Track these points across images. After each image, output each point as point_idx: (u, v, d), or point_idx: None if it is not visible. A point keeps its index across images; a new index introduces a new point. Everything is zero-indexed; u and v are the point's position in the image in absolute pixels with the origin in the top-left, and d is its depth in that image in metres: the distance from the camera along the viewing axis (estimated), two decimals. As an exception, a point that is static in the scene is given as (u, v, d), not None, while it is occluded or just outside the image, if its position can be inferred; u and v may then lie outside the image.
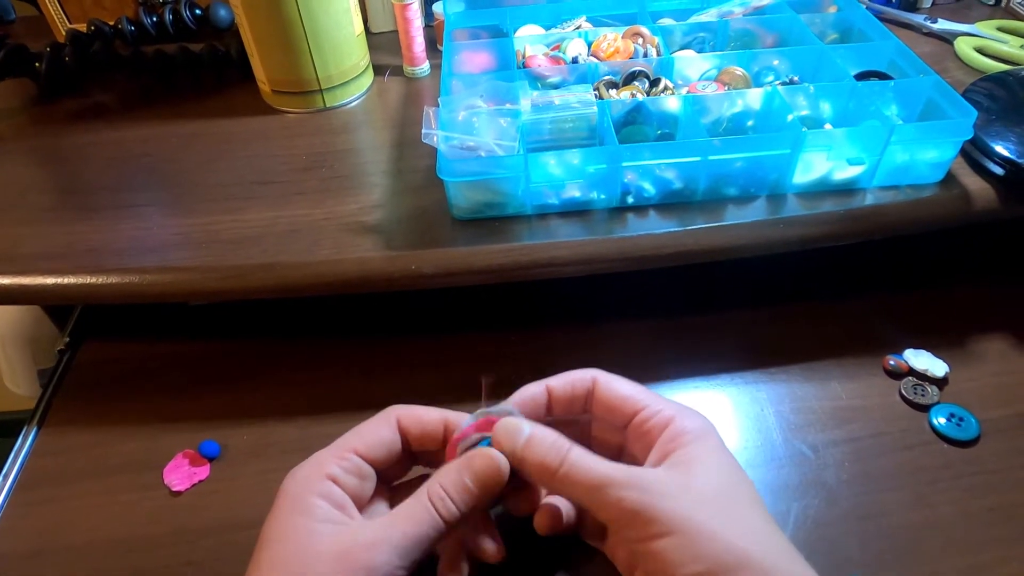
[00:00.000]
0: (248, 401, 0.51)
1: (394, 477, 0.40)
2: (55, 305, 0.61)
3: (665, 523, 0.32)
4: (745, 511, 0.34)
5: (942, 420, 0.46)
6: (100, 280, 0.48)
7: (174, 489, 0.46)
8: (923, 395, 0.48)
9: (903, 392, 0.48)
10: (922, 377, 0.49)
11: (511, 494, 0.38)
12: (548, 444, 0.35)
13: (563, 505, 0.39)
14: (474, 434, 0.37)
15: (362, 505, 0.36)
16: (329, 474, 0.35)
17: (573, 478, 0.34)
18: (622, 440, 0.39)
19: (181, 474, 0.46)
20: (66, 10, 0.72)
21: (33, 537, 0.44)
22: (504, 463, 0.35)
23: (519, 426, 0.36)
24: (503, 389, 0.40)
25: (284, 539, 0.33)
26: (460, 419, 0.38)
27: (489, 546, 0.37)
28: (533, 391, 0.40)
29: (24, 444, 0.49)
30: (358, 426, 0.38)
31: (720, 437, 0.37)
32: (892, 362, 0.50)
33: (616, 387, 0.39)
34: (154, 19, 0.69)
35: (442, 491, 0.34)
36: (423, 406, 0.39)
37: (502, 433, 0.36)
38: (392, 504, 0.39)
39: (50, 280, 0.48)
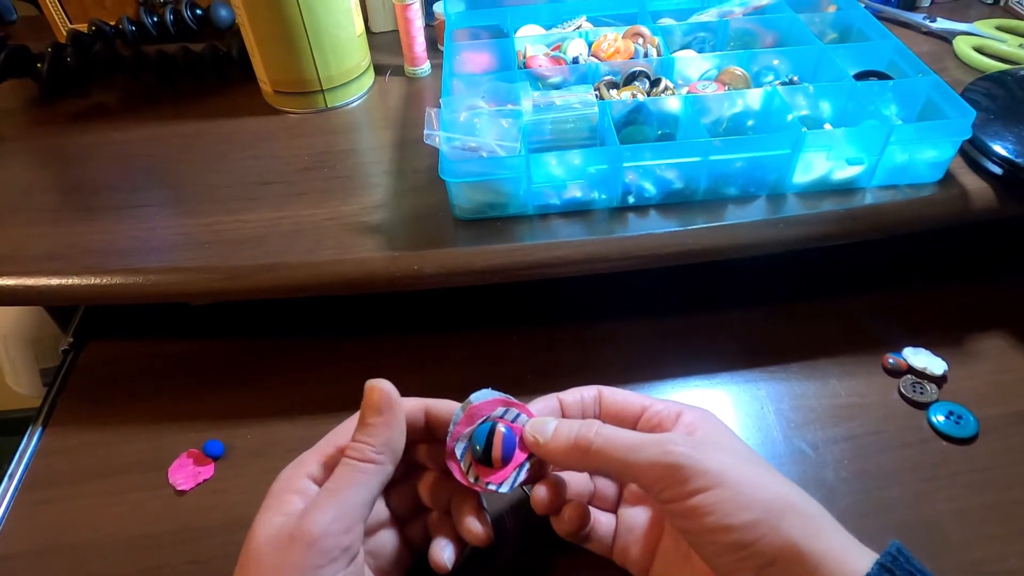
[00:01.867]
0: (251, 401, 0.51)
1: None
2: (58, 306, 0.61)
3: (711, 475, 0.32)
4: (770, 469, 0.35)
5: (940, 418, 0.47)
6: (103, 281, 0.48)
7: (179, 488, 0.46)
8: (922, 393, 0.48)
9: (902, 390, 0.49)
10: (921, 375, 0.49)
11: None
12: (577, 424, 0.36)
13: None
14: (466, 429, 0.38)
15: None
16: (308, 472, 0.36)
17: (612, 445, 0.35)
18: None
19: (186, 473, 0.47)
20: (67, 10, 0.72)
21: (39, 536, 0.44)
22: (388, 386, 0.36)
23: (543, 419, 0.38)
24: (506, 387, 0.41)
25: (253, 537, 0.34)
26: (441, 406, 0.39)
27: (476, 528, 0.38)
28: (546, 402, 0.41)
29: (29, 444, 0.50)
30: (342, 423, 0.39)
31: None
32: (891, 360, 0.50)
33: (621, 393, 0.41)
34: (155, 19, 0.70)
35: (352, 442, 0.35)
36: (405, 397, 0.40)
37: (530, 431, 0.37)
38: (388, 500, 0.40)
39: (54, 281, 0.48)
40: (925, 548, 0.41)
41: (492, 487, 0.37)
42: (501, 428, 0.38)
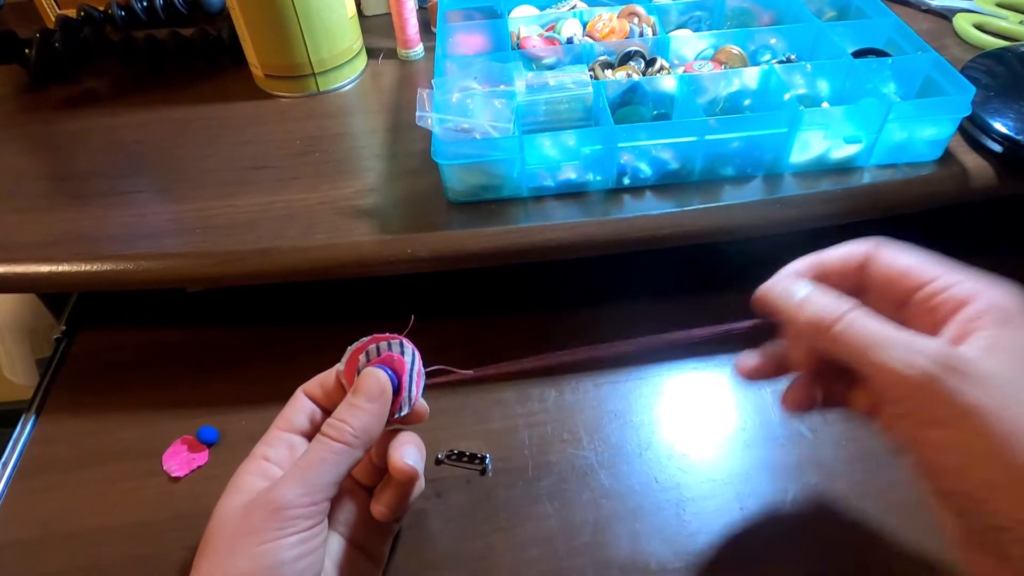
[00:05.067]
0: (245, 387, 0.51)
1: None
2: (51, 293, 0.61)
3: (958, 409, 0.26)
4: None
5: (939, 398, 0.46)
6: (95, 267, 0.48)
7: (173, 475, 0.46)
8: (921, 373, 0.48)
9: (901, 371, 0.48)
10: (920, 356, 0.49)
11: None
12: (826, 300, 0.32)
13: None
14: (371, 344, 0.39)
15: None
16: (261, 455, 0.37)
17: (850, 334, 0.30)
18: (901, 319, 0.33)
19: (180, 460, 0.47)
20: (55, -5, 0.71)
21: (33, 525, 0.44)
22: (385, 376, 0.37)
23: (794, 284, 0.34)
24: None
25: (215, 514, 0.34)
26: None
27: (396, 463, 0.38)
28: (797, 265, 0.36)
29: (23, 432, 0.49)
30: (282, 410, 0.39)
31: None
32: (890, 341, 0.50)
33: (895, 258, 0.33)
34: (144, 4, 0.69)
35: (333, 419, 0.36)
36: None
37: (776, 291, 0.34)
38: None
39: (45, 268, 0.48)
40: (924, 529, 0.41)
41: (395, 416, 0.38)
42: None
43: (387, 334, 0.40)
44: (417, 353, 0.40)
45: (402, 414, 0.38)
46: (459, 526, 0.43)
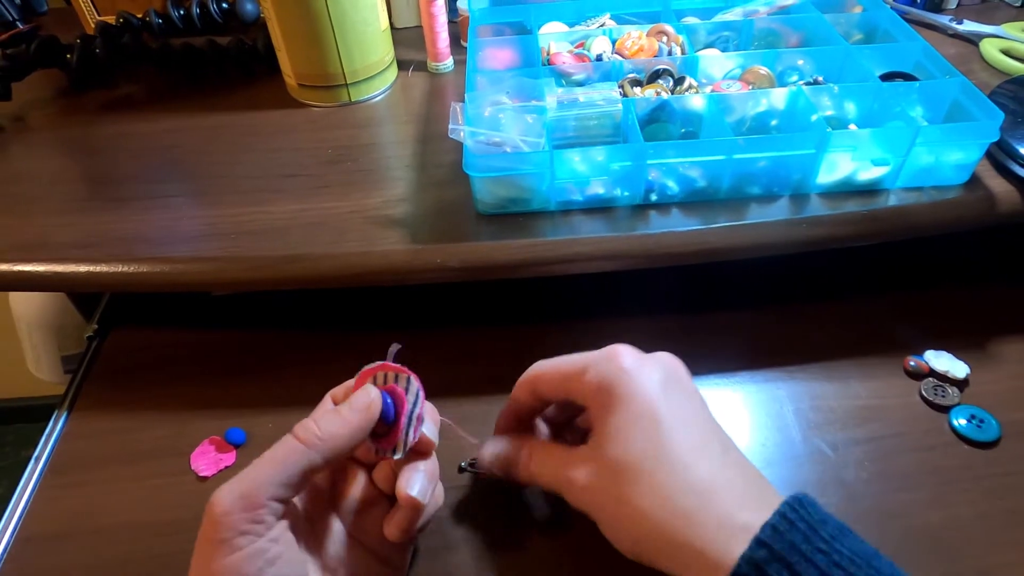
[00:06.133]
0: (272, 390, 0.52)
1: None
2: (84, 293, 0.62)
3: (594, 515, 0.36)
4: (661, 478, 0.34)
5: (962, 421, 0.46)
6: (132, 269, 0.49)
7: (201, 475, 0.47)
8: (943, 396, 0.48)
9: (923, 393, 0.48)
10: (943, 378, 0.49)
11: None
12: (502, 461, 0.41)
13: None
14: (380, 372, 0.39)
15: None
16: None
17: (536, 476, 0.40)
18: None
19: (208, 460, 0.47)
20: (95, 2, 0.73)
21: (63, 520, 0.45)
22: (377, 395, 0.37)
23: (492, 448, 0.43)
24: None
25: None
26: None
27: (401, 492, 0.37)
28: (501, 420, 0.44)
29: (55, 428, 0.50)
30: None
31: (641, 376, 0.37)
32: (912, 363, 0.50)
33: (541, 372, 0.41)
34: (181, 12, 0.70)
35: (307, 421, 0.35)
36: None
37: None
38: (375, 479, 0.41)
39: (83, 268, 0.49)
40: (946, 551, 0.41)
41: (388, 455, 0.38)
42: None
43: (398, 366, 0.39)
44: (422, 394, 0.39)
45: (396, 456, 0.37)
46: (482, 535, 0.43)
